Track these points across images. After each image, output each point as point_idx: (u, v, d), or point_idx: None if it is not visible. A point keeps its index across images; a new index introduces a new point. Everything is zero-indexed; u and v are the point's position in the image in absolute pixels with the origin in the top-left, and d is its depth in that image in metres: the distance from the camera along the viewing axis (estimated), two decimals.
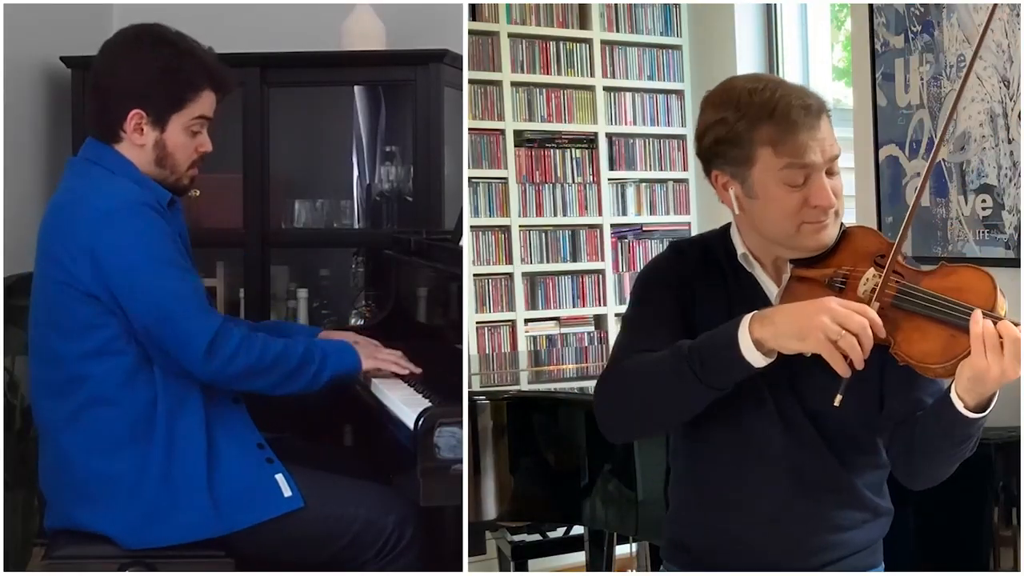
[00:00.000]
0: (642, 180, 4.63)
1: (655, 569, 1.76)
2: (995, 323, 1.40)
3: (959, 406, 1.42)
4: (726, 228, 1.71)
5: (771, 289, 1.64)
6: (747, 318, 1.46)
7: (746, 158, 1.54)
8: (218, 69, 2.21)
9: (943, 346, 1.43)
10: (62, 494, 2.14)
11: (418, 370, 2.31)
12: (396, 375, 2.31)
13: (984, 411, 1.44)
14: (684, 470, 1.73)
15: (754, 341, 1.44)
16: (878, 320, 1.42)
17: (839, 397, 1.44)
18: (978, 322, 1.39)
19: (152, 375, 2.08)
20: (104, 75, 2.18)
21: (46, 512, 2.21)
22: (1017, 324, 1.42)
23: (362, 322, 3.10)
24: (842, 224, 1.61)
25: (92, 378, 2.07)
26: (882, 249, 1.56)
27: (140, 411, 2.07)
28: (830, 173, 1.55)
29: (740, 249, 1.65)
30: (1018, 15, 2.74)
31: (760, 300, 1.62)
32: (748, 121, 1.53)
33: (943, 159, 3.02)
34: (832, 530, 1.61)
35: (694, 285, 1.65)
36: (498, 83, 4.31)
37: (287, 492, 2.09)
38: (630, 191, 4.60)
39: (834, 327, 1.39)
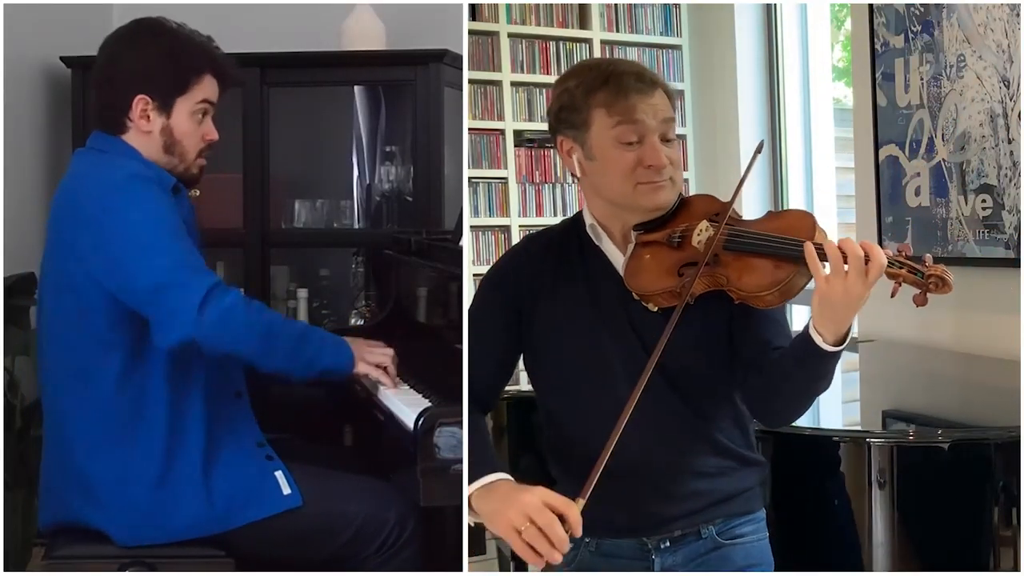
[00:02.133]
0: None
1: None
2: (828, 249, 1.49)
3: (817, 340, 1.51)
4: (579, 212, 1.82)
5: (618, 259, 1.74)
6: (490, 478, 1.57)
7: (583, 121, 1.69)
8: (218, 55, 2.22)
9: (769, 275, 1.56)
10: (62, 488, 2.13)
11: (398, 383, 2.29)
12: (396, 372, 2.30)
13: (840, 346, 1.52)
14: (553, 439, 1.82)
15: (471, 503, 1.57)
16: (576, 519, 1.46)
17: None
18: (809, 247, 1.49)
19: (149, 371, 2.07)
20: (106, 66, 2.18)
21: (40, 509, 2.21)
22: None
23: (362, 322, 3.10)
24: (681, 194, 1.74)
25: (89, 372, 2.07)
26: (716, 209, 1.70)
27: (136, 407, 2.07)
28: (665, 140, 1.68)
29: (588, 220, 1.77)
30: (1018, 15, 2.74)
31: (609, 273, 1.73)
32: (585, 87, 1.68)
33: (943, 159, 3.03)
34: (695, 477, 1.70)
35: (538, 279, 1.77)
36: (498, 83, 4.31)
37: (286, 490, 2.09)
38: None
39: (521, 519, 1.46)
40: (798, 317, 2.95)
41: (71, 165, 2.23)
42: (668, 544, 1.72)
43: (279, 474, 2.11)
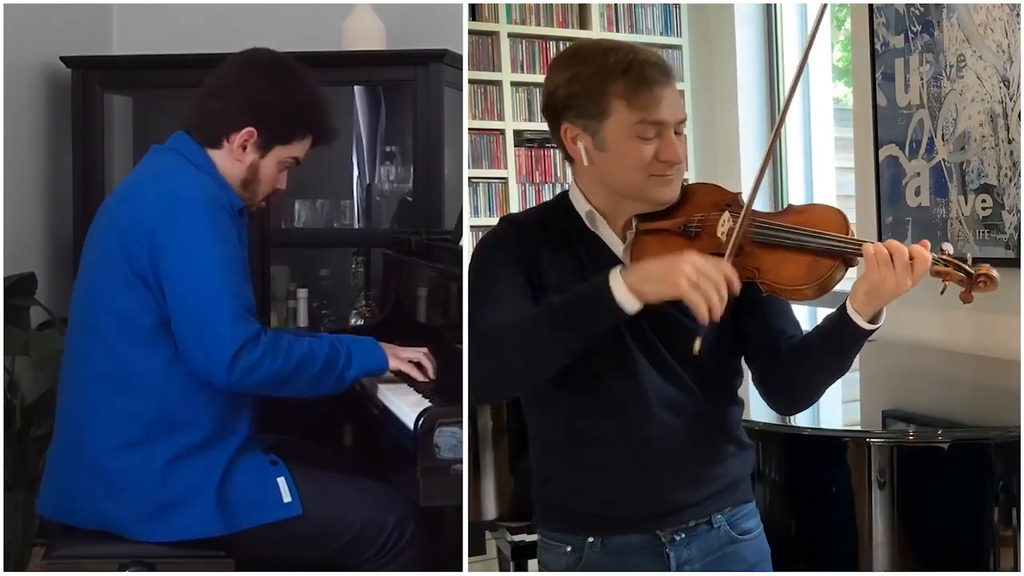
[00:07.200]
0: None
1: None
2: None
3: (858, 320, 1.55)
4: (562, 195, 1.76)
5: (617, 246, 1.70)
6: (616, 269, 1.54)
7: (600, 111, 1.62)
8: (327, 119, 2.26)
9: (807, 270, 1.57)
10: (74, 481, 2.13)
11: (432, 377, 2.30)
12: (403, 376, 2.30)
13: (878, 323, 1.56)
14: (563, 430, 1.72)
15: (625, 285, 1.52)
16: (735, 277, 1.51)
17: (697, 345, 1.53)
18: (869, 245, 1.53)
19: (187, 370, 2.07)
20: (235, 85, 2.20)
21: (39, 499, 2.21)
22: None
23: (362, 322, 3.11)
24: (684, 180, 1.72)
25: (132, 366, 2.07)
26: (727, 199, 1.68)
27: (172, 404, 2.08)
28: (676, 133, 1.65)
29: (584, 207, 1.71)
30: (1018, 15, 2.74)
31: (607, 258, 1.68)
32: (603, 76, 1.61)
33: (943, 159, 3.03)
34: (713, 462, 1.71)
35: (537, 256, 1.69)
36: (498, 83, 4.31)
37: (287, 497, 2.10)
38: None
39: (695, 273, 1.48)
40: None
41: (146, 159, 2.24)
42: (683, 536, 1.69)
43: (281, 480, 2.12)
